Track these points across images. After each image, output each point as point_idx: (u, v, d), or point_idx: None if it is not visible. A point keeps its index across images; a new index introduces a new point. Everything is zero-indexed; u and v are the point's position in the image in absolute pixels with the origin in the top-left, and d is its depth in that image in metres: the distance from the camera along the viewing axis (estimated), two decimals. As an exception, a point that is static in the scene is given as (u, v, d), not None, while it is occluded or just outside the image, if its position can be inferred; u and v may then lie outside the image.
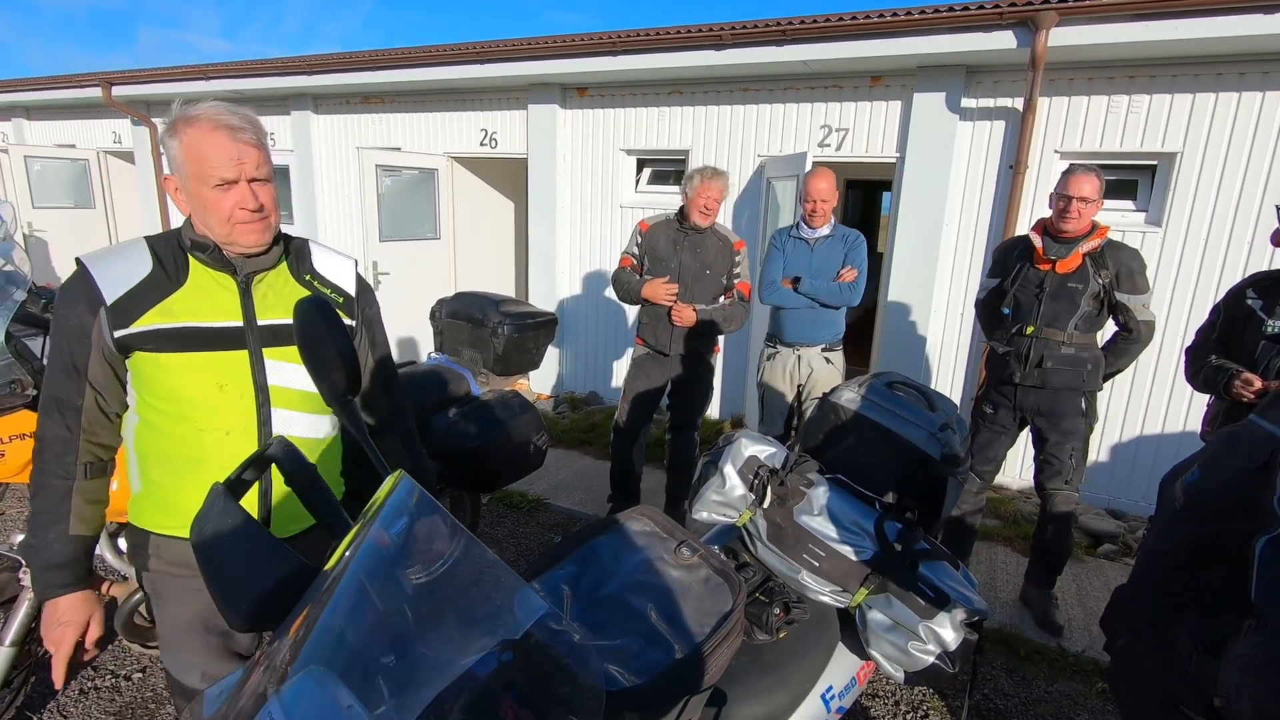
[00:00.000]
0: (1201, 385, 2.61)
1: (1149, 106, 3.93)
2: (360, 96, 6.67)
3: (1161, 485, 1.07)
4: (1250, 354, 2.45)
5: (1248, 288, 2.54)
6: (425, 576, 0.71)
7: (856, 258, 3.34)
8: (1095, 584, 3.44)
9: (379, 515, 0.72)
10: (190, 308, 1.25)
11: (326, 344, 0.86)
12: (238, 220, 1.25)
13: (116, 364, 1.25)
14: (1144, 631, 1.02)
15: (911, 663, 1.32)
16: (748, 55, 4.50)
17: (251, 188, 1.24)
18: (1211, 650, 0.88)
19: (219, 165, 1.20)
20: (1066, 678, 2.73)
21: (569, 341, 6.12)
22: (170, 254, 1.27)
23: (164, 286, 1.24)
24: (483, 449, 2.63)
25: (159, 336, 1.23)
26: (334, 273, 1.47)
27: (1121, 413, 4.28)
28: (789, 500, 1.51)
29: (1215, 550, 0.90)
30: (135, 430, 1.30)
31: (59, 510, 1.24)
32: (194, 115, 1.20)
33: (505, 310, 3.10)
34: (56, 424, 1.24)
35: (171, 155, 1.22)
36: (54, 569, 1.25)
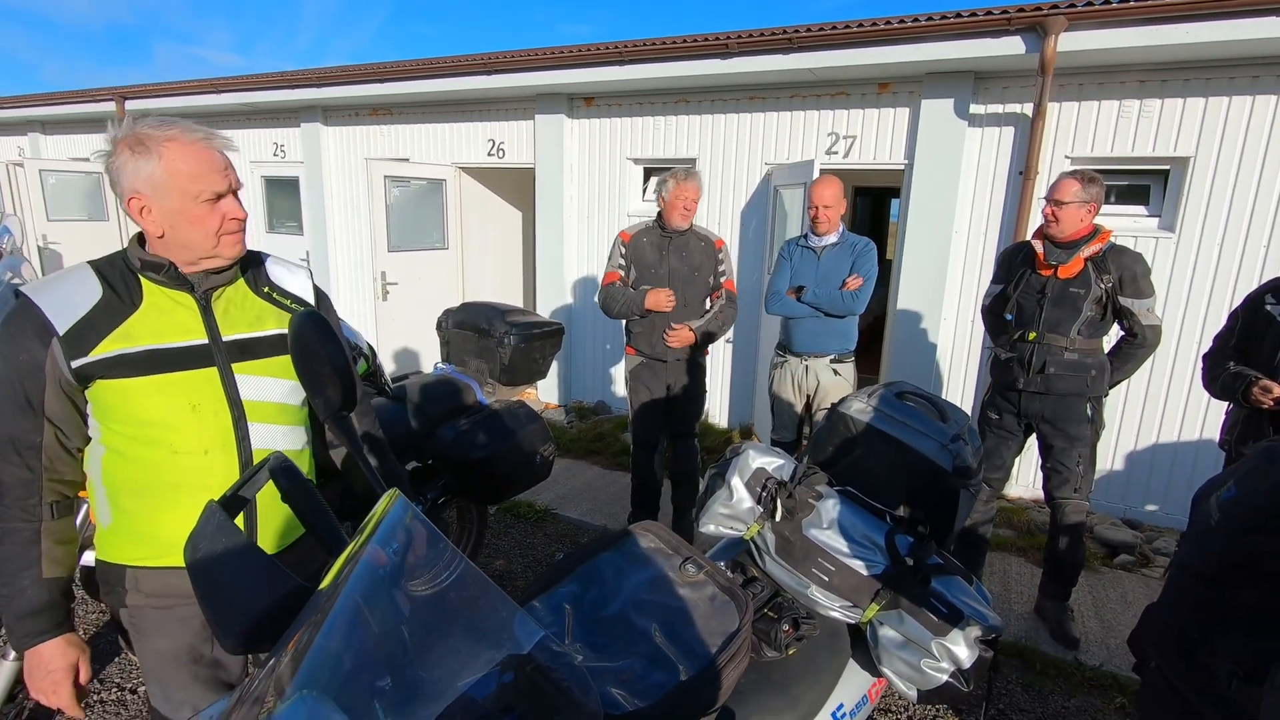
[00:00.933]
0: (1219, 392, 2.56)
1: (1160, 111, 3.89)
2: (369, 108, 6.72)
3: (1194, 501, 1.04)
4: (1269, 360, 2.40)
5: (1267, 293, 2.49)
6: (421, 597, 0.69)
7: (864, 265, 3.29)
8: (1112, 595, 3.38)
9: (374, 534, 0.70)
10: (150, 330, 1.21)
11: (321, 360, 0.84)
12: (226, 231, 1.24)
13: (75, 395, 1.20)
14: (1177, 654, 0.99)
15: (925, 681, 1.29)
16: (754, 64, 4.49)
17: (236, 197, 1.24)
18: (1253, 677, 0.85)
19: (211, 178, 1.19)
20: (1084, 692, 2.67)
21: (577, 351, 6.11)
22: (119, 277, 1.23)
23: (118, 310, 1.20)
24: (489, 460, 2.62)
25: (122, 362, 1.18)
26: (292, 284, 1.44)
27: (1137, 420, 4.22)
28: (798, 513, 1.48)
29: (1253, 569, 0.86)
30: (102, 461, 1.25)
31: (28, 556, 1.18)
32: (168, 132, 1.17)
33: (511, 320, 3.09)
34: (15, 465, 1.17)
35: (144, 174, 1.16)
36: (29, 617, 1.18)
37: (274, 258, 1.45)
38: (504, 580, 3.33)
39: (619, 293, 3.32)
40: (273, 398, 1.34)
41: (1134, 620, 3.13)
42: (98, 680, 2.47)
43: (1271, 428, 2.40)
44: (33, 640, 1.19)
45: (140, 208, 1.19)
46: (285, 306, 1.39)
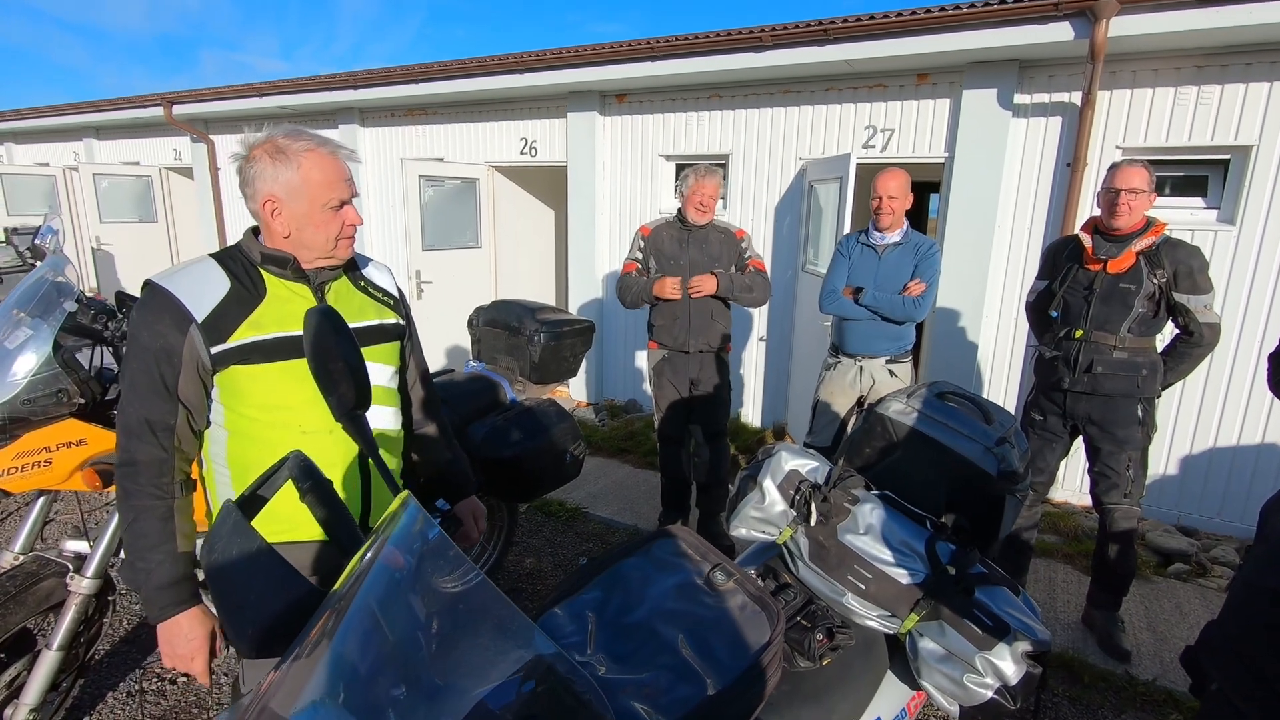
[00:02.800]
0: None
1: (1220, 97, 3.69)
2: (404, 109, 6.79)
3: (1264, 512, 0.96)
4: None
5: None
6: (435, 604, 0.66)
7: (928, 269, 3.11)
8: (1166, 606, 3.22)
9: (386, 538, 0.68)
10: (276, 319, 1.30)
11: (334, 356, 0.83)
12: (344, 236, 1.35)
13: (207, 380, 1.29)
14: (1244, 678, 0.91)
15: (968, 696, 1.22)
16: (788, 56, 4.40)
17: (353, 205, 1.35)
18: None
19: (339, 188, 1.31)
20: (1136, 708, 2.55)
21: (609, 348, 6.09)
22: (242, 269, 1.32)
23: (247, 301, 1.29)
24: (519, 458, 2.61)
25: (255, 349, 1.28)
26: (381, 280, 1.57)
27: (1192, 422, 4.02)
28: (833, 518, 1.42)
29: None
30: (226, 445, 1.33)
31: (165, 530, 1.25)
32: (306, 144, 1.27)
33: (541, 318, 3.07)
34: (151, 445, 1.25)
35: (282, 180, 1.26)
36: (168, 588, 1.25)
37: (360, 255, 1.57)
38: (533, 578, 3.32)
39: (632, 282, 3.30)
40: (380, 382, 1.45)
41: (1191, 633, 3.00)
42: (140, 668, 2.54)
43: None
44: (172, 610, 1.25)
45: (273, 210, 1.29)
46: (380, 300, 1.51)
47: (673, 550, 1.14)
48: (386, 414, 1.49)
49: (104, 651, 2.60)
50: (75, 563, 1.91)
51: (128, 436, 1.24)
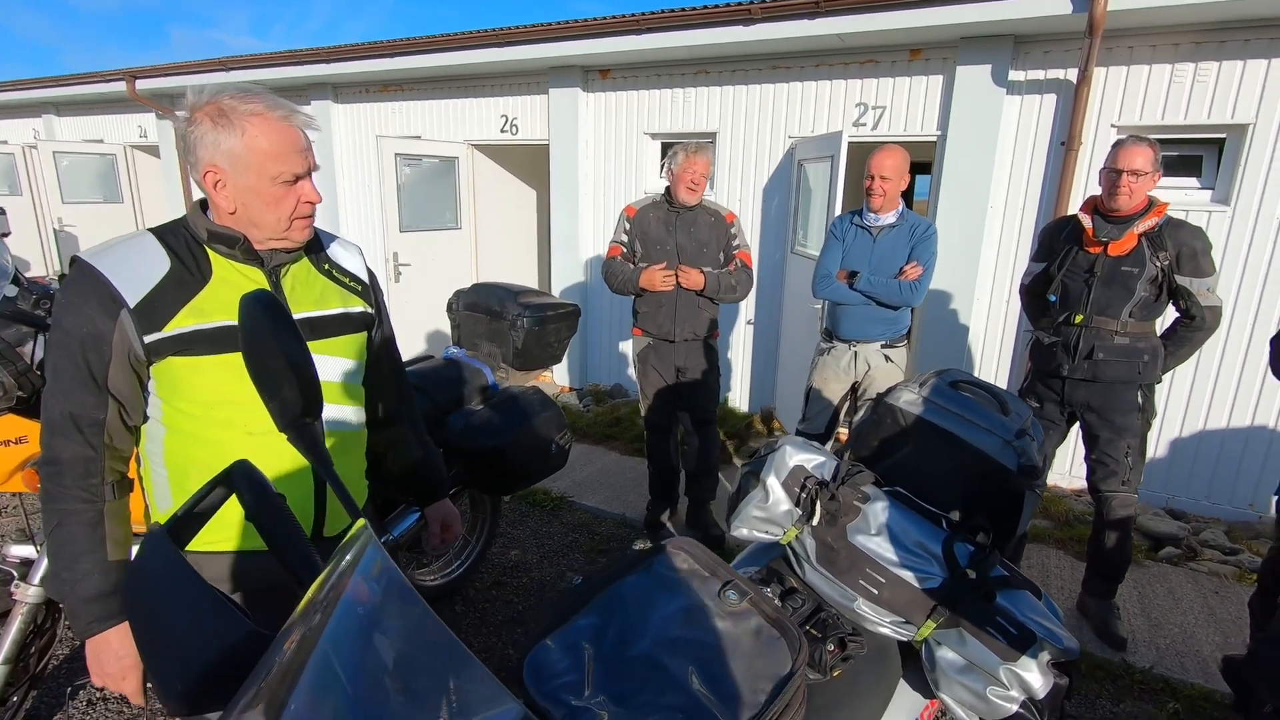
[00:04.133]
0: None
1: (1218, 74, 3.62)
2: (379, 85, 6.55)
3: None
4: None
5: None
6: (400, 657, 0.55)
7: (924, 252, 2.99)
8: (1159, 591, 3.20)
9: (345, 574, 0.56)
10: (222, 305, 1.16)
11: (274, 354, 0.69)
12: (299, 215, 1.20)
13: (141, 371, 1.15)
14: (1304, 700, 0.83)
15: (991, 711, 1.13)
16: (778, 30, 4.26)
17: (312, 180, 1.19)
18: None
19: (292, 159, 1.15)
20: (1134, 697, 2.51)
21: (593, 332, 5.96)
22: (185, 247, 1.18)
23: (189, 283, 1.15)
24: (502, 449, 2.49)
25: (197, 339, 1.14)
26: (349, 261, 1.41)
27: (1182, 405, 3.99)
28: (841, 517, 1.32)
29: None
30: (164, 442, 1.19)
31: (93, 537, 1.11)
32: (252, 105, 1.11)
33: (524, 301, 2.94)
34: (76, 443, 1.10)
35: (224, 148, 1.11)
36: (95, 601, 1.11)
37: (326, 233, 1.40)
38: (518, 571, 3.22)
39: (619, 268, 3.16)
40: (341, 378, 1.33)
41: (1185, 619, 2.97)
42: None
43: None
44: (100, 626, 1.12)
45: (215, 181, 1.14)
46: (346, 285, 1.36)
47: (677, 566, 1.02)
48: (347, 411, 1.35)
49: (62, 657, 2.46)
50: (21, 569, 1.77)
51: (50, 433, 1.10)
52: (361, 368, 1.40)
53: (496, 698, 0.49)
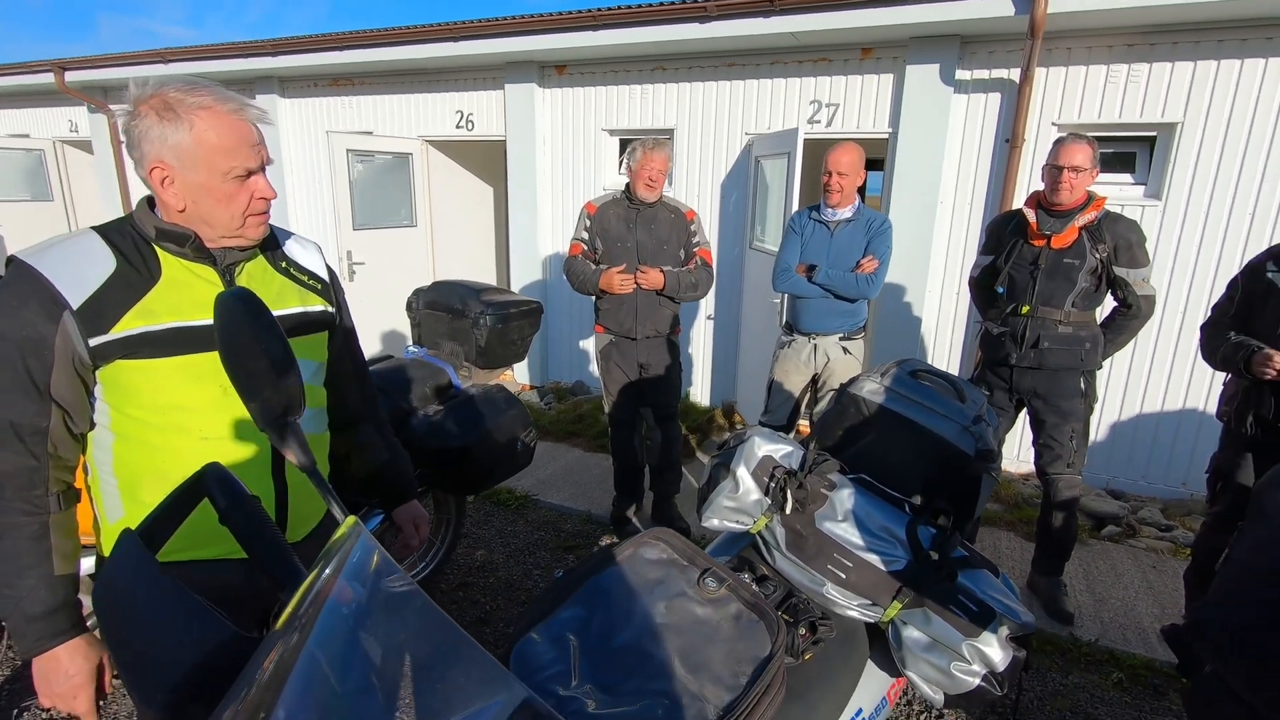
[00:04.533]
0: (1219, 363, 2.50)
1: (1149, 75, 3.81)
2: (329, 79, 6.38)
3: (1262, 490, 0.93)
4: (1271, 330, 2.34)
5: (1268, 260, 2.42)
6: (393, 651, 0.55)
7: (880, 246, 3.07)
8: (1102, 567, 3.36)
9: (334, 571, 0.55)
10: (172, 306, 1.12)
11: (255, 353, 0.68)
12: (253, 212, 1.16)
13: (87, 376, 1.09)
14: (1242, 661, 0.89)
15: (955, 685, 1.18)
16: (734, 28, 4.30)
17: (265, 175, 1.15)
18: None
19: (243, 154, 1.11)
20: (1081, 669, 2.63)
21: (553, 330, 5.94)
22: (131, 245, 1.13)
23: (136, 284, 1.10)
24: (467, 449, 2.47)
25: (146, 341, 1.09)
26: (306, 258, 1.37)
27: (1121, 390, 4.20)
28: (809, 505, 1.36)
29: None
30: (113, 450, 1.14)
31: (37, 551, 1.06)
32: (199, 98, 1.06)
33: (486, 299, 2.92)
34: (17, 453, 1.05)
35: (171, 143, 1.06)
36: (42, 619, 1.06)
37: (283, 230, 1.36)
38: (485, 571, 3.19)
39: (579, 267, 3.16)
40: (306, 380, 1.26)
41: (1126, 593, 3.12)
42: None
43: (1273, 399, 2.34)
44: (47, 644, 1.07)
45: (162, 178, 1.09)
46: (304, 284, 1.33)
47: (656, 556, 1.04)
48: (309, 414, 1.31)
49: (2, 679, 2.34)
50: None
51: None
52: (323, 368, 1.37)
53: (501, 683, 0.49)
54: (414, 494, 1.59)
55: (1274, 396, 2.34)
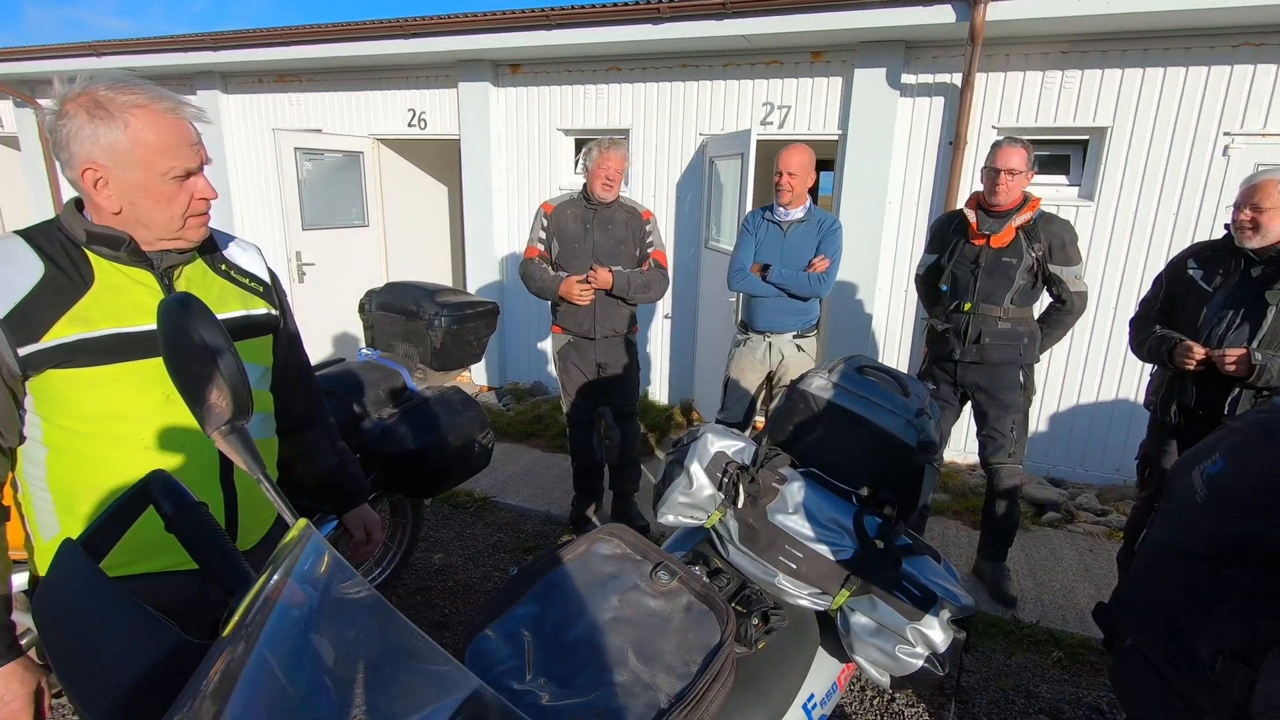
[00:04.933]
0: (1146, 355, 2.65)
1: (1081, 81, 3.99)
2: (274, 75, 6.21)
3: (1173, 472, 1.00)
4: (1192, 323, 2.49)
5: (1189, 258, 2.58)
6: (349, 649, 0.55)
7: (830, 245, 3.14)
8: (1042, 552, 3.51)
9: (285, 574, 0.56)
10: (108, 312, 1.08)
11: (201, 358, 0.67)
12: (194, 213, 1.13)
13: (16, 388, 1.05)
14: (1157, 633, 0.95)
15: (899, 667, 1.23)
16: (687, 29, 4.35)
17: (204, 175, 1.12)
18: (1242, 658, 0.81)
19: (182, 153, 1.08)
20: (1024, 650, 2.75)
21: (510, 330, 5.90)
22: (60, 250, 1.08)
23: (68, 289, 1.05)
24: (423, 451, 2.44)
25: (81, 349, 1.05)
26: (247, 261, 1.34)
27: (1059, 383, 4.39)
28: (761, 498, 1.40)
29: (1249, 548, 0.82)
30: (46, 464, 1.10)
31: None
32: (132, 97, 1.03)
33: (441, 300, 2.89)
34: None
35: (104, 143, 1.02)
36: None
37: (221, 232, 1.33)
38: (443, 574, 3.16)
39: (537, 271, 3.16)
40: (252, 384, 1.24)
41: (1065, 577, 3.27)
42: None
43: (1195, 388, 2.49)
44: None
45: (96, 180, 1.05)
46: (246, 286, 1.30)
47: (610, 551, 1.06)
48: (257, 419, 1.29)
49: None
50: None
51: None
52: (269, 372, 1.35)
53: (454, 677, 0.51)
54: (364, 498, 1.57)
55: (1195, 386, 2.49)
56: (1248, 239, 2.33)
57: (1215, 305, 2.42)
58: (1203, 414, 2.46)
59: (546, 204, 3.23)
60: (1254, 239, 2.32)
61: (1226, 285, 2.42)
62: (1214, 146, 3.82)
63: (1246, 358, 2.26)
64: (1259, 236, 2.31)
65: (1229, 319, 2.38)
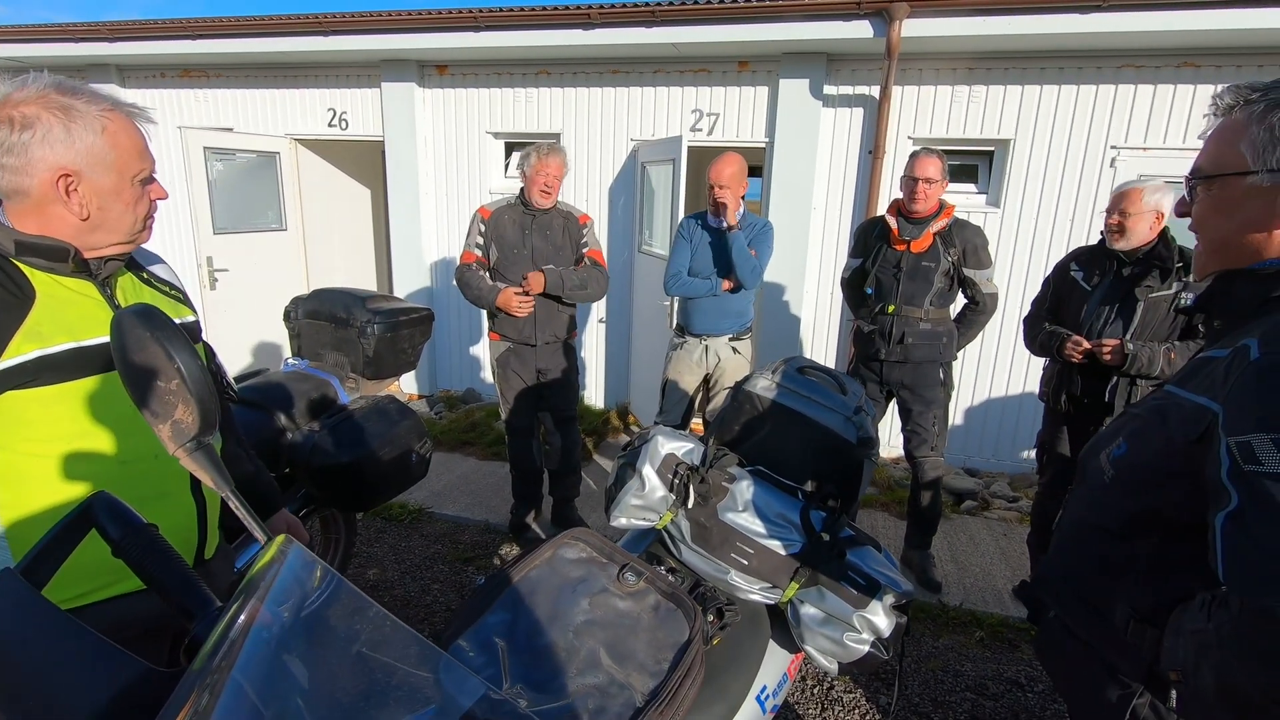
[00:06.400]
0: (1038, 350, 2.86)
1: (987, 96, 4.26)
2: (179, 69, 5.85)
3: (1083, 456, 1.09)
4: (1076, 320, 2.71)
5: (1070, 261, 2.81)
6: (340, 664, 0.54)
7: (760, 244, 3.21)
8: (962, 539, 3.72)
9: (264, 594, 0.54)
10: (63, 326, 1.02)
11: (166, 369, 0.64)
12: (151, 215, 1.15)
13: None
14: (1075, 604, 1.04)
15: (847, 654, 1.29)
16: (617, 36, 4.39)
17: None
18: (1149, 620, 0.90)
19: (144, 158, 1.09)
20: (950, 632, 2.91)
21: (441, 337, 5.77)
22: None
23: (12, 305, 0.99)
24: (358, 464, 2.36)
25: (43, 366, 0.99)
26: (162, 270, 1.32)
27: (973, 379, 4.66)
28: (712, 497, 1.43)
29: (1150, 521, 0.91)
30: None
31: None
32: (100, 103, 1.01)
33: (373, 307, 2.80)
34: None
35: (82, 146, 1.00)
36: None
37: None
38: (378, 590, 3.06)
39: (474, 278, 3.12)
40: None
41: (984, 560, 3.47)
42: None
43: (1080, 378, 2.70)
44: None
45: (69, 185, 1.00)
46: (171, 295, 1.29)
47: (576, 556, 1.06)
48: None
49: None
50: None
51: None
52: None
53: (460, 681, 0.50)
54: (282, 503, 1.52)
55: (1080, 376, 2.70)
56: (1116, 241, 2.58)
57: (1094, 303, 2.65)
58: (1088, 401, 2.69)
59: (483, 209, 3.18)
60: (1121, 241, 2.56)
61: (1103, 284, 2.65)
62: (1103, 159, 4.16)
63: (1120, 348, 2.49)
64: (1125, 239, 2.55)
65: (1105, 314, 2.61)
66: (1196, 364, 0.94)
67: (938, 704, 2.48)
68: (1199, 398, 0.86)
